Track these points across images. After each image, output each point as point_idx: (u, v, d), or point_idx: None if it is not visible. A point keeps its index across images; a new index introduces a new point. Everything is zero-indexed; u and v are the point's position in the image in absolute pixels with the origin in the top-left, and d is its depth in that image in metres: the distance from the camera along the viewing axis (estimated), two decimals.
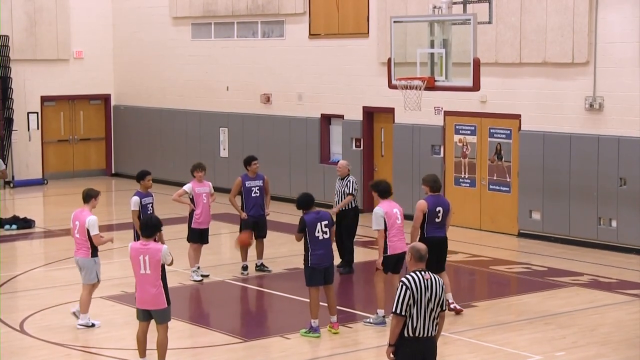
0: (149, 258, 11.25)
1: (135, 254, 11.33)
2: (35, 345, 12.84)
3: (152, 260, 11.26)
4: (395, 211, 13.56)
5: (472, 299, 15.16)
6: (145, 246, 11.31)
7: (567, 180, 19.03)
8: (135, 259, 11.32)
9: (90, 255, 13.62)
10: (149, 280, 11.29)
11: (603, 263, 17.54)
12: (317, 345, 12.84)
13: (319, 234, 12.97)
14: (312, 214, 13.06)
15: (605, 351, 12.43)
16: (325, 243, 13.01)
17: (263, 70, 25.02)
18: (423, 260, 9.09)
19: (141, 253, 11.29)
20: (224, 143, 26.14)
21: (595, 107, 18.55)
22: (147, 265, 11.26)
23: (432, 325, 9.09)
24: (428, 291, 8.97)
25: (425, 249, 9.11)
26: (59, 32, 28.34)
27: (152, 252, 11.27)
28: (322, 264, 13.03)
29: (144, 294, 11.37)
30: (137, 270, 11.36)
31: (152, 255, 11.25)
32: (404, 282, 8.95)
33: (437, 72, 15.67)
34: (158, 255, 11.26)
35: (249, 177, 16.81)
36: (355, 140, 23.06)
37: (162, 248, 11.33)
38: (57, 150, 29.04)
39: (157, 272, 11.28)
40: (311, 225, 12.97)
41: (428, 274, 9.05)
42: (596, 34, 18.46)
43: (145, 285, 11.33)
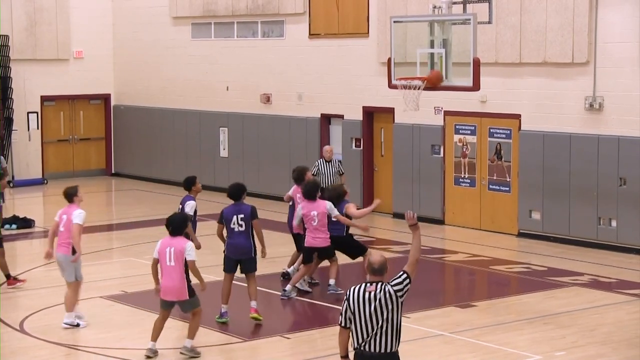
0: (174, 250, 11.97)
1: (162, 246, 12.10)
2: (35, 345, 12.85)
3: (177, 253, 11.96)
4: (313, 213, 14.88)
5: (472, 299, 15.17)
6: (172, 240, 12.11)
7: (567, 180, 19.03)
8: (162, 251, 12.07)
9: (71, 253, 13.48)
10: (174, 271, 11.99)
11: (603, 263, 17.54)
12: (316, 345, 12.84)
13: (234, 225, 13.69)
14: (232, 206, 13.85)
15: (605, 351, 12.43)
16: (239, 235, 13.69)
17: (263, 70, 25.03)
18: (375, 274, 8.46)
19: (168, 245, 12.06)
20: (224, 143, 26.14)
21: (595, 107, 18.55)
22: (172, 257, 11.97)
23: (380, 340, 8.38)
24: (369, 304, 8.34)
25: (378, 262, 8.48)
26: (59, 32, 28.35)
27: (177, 245, 12.00)
28: (233, 254, 13.81)
29: (168, 284, 12.05)
30: (163, 262, 12.06)
31: (178, 249, 11.97)
32: (346, 293, 8.50)
33: None
34: (182, 248, 11.96)
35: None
36: (355, 140, 23.07)
37: (187, 243, 12.04)
38: (57, 150, 29.04)
39: (181, 265, 11.97)
40: (227, 217, 13.78)
41: (374, 285, 8.41)
42: (596, 34, 18.47)
43: (170, 276, 12.02)
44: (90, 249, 19.00)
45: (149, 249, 18.45)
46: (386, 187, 22.60)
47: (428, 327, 13.51)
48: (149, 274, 16.13)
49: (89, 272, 17.05)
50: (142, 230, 20.87)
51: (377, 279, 8.48)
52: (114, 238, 21.14)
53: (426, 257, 17.92)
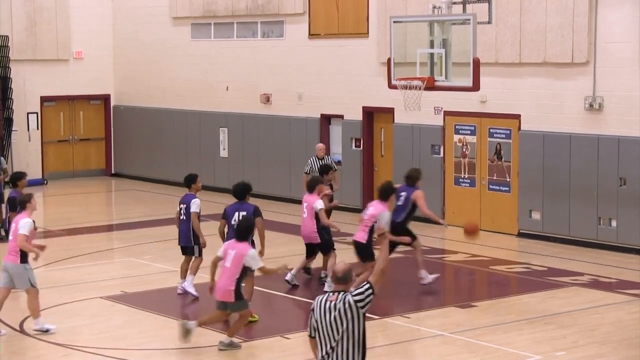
0: (235, 254, 12.29)
1: (227, 247, 12.51)
2: (35, 345, 12.85)
3: (236, 257, 12.27)
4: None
5: (472, 299, 15.17)
6: (236, 243, 12.45)
7: (567, 180, 19.04)
8: (226, 251, 12.44)
9: (20, 261, 13.08)
10: (227, 272, 12.29)
11: (603, 263, 17.55)
12: None
13: (235, 222, 13.94)
14: (235, 204, 14.29)
15: (605, 351, 12.43)
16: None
17: (263, 70, 25.03)
18: (339, 282, 8.19)
19: (231, 247, 12.44)
20: (224, 143, 26.14)
21: (595, 107, 18.55)
22: (231, 259, 12.27)
23: (342, 353, 8.03)
24: (329, 313, 8.05)
25: (342, 271, 8.20)
26: (59, 32, 28.35)
27: (239, 249, 12.34)
28: None
29: (220, 285, 12.40)
30: (223, 262, 12.41)
31: (238, 253, 12.30)
32: (313, 302, 8.25)
33: (437, 72, 15.69)
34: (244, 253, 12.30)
35: None
36: (355, 140, 23.07)
37: (249, 251, 12.37)
38: (57, 151, 29.04)
39: (237, 269, 12.26)
40: (229, 213, 14.23)
41: (335, 295, 8.10)
42: (596, 34, 18.47)
43: (222, 277, 12.37)
44: (90, 249, 19.03)
45: (149, 249, 18.54)
46: None
47: (428, 327, 13.51)
48: (149, 274, 16.19)
49: (89, 272, 17.11)
50: (142, 231, 20.88)
51: (340, 288, 8.19)
52: (114, 238, 21.14)
53: (426, 257, 17.93)
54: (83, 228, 21.49)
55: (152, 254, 18.37)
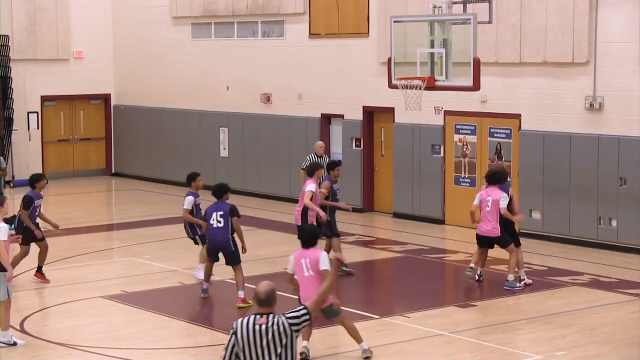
0: (310, 261, 11.66)
1: (297, 258, 11.78)
2: (36, 345, 12.84)
3: (313, 263, 11.65)
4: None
5: (472, 299, 15.17)
6: (306, 251, 11.75)
7: (567, 180, 19.03)
8: (298, 262, 11.73)
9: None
10: (312, 281, 11.63)
11: (603, 262, 17.54)
12: (317, 344, 12.83)
13: (214, 221, 14.67)
14: (214, 204, 14.82)
15: (605, 350, 12.43)
16: (217, 230, 14.67)
17: (263, 70, 25.02)
18: (262, 304, 7.56)
19: (302, 257, 11.72)
20: (224, 143, 26.13)
21: (595, 106, 18.55)
22: (309, 268, 11.66)
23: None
24: (260, 339, 7.44)
25: (265, 292, 7.57)
26: (59, 32, 28.35)
27: (312, 256, 11.68)
28: (212, 247, 14.85)
29: (308, 295, 11.42)
30: (300, 273, 11.74)
31: (313, 259, 11.67)
32: (233, 325, 7.56)
33: (437, 71, 15.69)
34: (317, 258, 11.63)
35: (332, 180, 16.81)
36: (355, 139, 23.06)
37: (321, 254, 11.72)
38: (57, 150, 29.04)
39: (319, 274, 11.60)
40: (209, 214, 14.76)
41: (264, 318, 7.50)
42: (596, 34, 18.46)
43: (309, 286, 11.61)
44: (90, 248, 19.03)
45: (148, 249, 18.53)
46: (386, 187, 22.60)
47: (428, 326, 13.51)
48: (149, 274, 16.21)
49: (89, 272, 17.11)
50: (142, 230, 20.88)
51: (265, 310, 7.54)
52: (114, 238, 21.14)
53: (427, 257, 17.93)
54: (83, 228, 21.49)
55: (152, 254, 18.37)
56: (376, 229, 21.45)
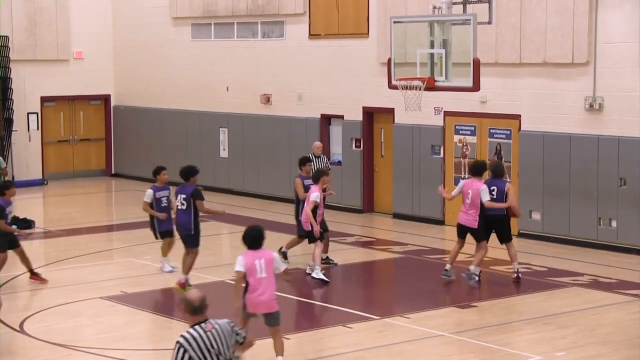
0: (265, 262, 11.17)
1: (250, 260, 11.19)
2: (35, 346, 12.85)
3: (267, 264, 11.19)
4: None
5: (472, 299, 15.17)
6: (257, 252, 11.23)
7: (567, 181, 19.04)
8: (251, 264, 11.18)
9: None
10: (268, 281, 11.20)
11: (603, 263, 17.54)
12: (317, 345, 12.84)
13: (178, 203, 15.38)
14: (179, 187, 15.46)
15: (605, 351, 12.43)
16: (181, 213, 15.34)
17: (263, 70, 25.03)
18: (196, 312, 7.55)
19: (256, 258, 11.18)
20: (224, 143, 26.14)
21: (595, 107, 18.55)
22: (263, 269, 11.16)
23: None
24: (215, 345, 7.49)
25: (199, 299, 7.54)
26: (59, 33, 28.35)
27: (266, 257, 11.23)
28: (177, 227, 15.62)
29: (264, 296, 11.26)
30: (254, 274, 11.18)
31: (267, 259, 11.20)
32: (180, 342, 7.43)
33: (437, 72, 15.71)
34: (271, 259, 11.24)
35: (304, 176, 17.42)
36: (355, 140, 23.06)
37: (273, 254, 11.32)
38: (57, 151, 29.04)
39: (272, 277, 11.23)
40: (176, 196, 15.47)
41: (209, 324, 7.53)
42: (596, 34, 18.46)
43: (265, 287, 11.22)
44: (90, 249, 19.03)
45: (148, 250, 18.52)
46: (386, 187, 22.61)
47: (428, 327, 13.51)
48: (149, 275, 16.22)
49: (89, 273, 17.11)
50: (142, 231, 20.84)
51: (202, 318, 7.55)
52: (114, 239, 21.14)
53: (426, 258, 17.94)
54: (83, 228, 21.50)
55: (152, 254, 18.35)
56: (376, 229, 21.46)
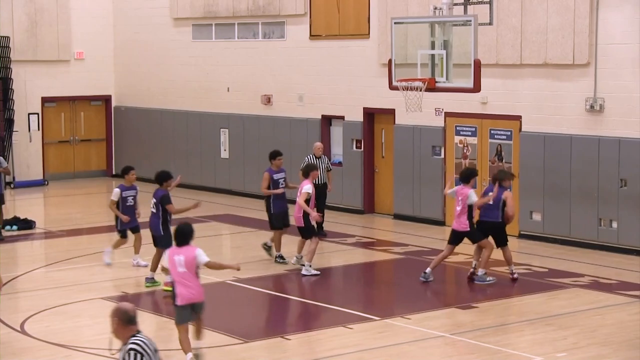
0: (184, 259, 11.63)
1: (170, 256, 11.76)
2: (36, 346, 12.85)
3: (188, 260, 11.63)
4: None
5: (473, 300, 15.17)
6: (180, 249, 11.75)
7: (568, 182, 19.03)
8: (171, 259, 11.72)
9: None
10: (185, 277, 11.63)
11: (603, 264, 17.54)
12: (317, 346, 12.84)
13: (151, 207, 15.98)
14: (154, 191, 16.06)
15: (606, 352, 12.43)
16: (152, 216, 16.00)
17: (264, 71, 25.03)
18: (133, 322, 7.58)
19: (176, 254, 11.70)
20: (225, 144, 26.14)
21: (596, 108, 18.55)
22: (183, 265, 11.63)
23: None
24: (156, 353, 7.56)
25: (132, 310, 7.52)
26: (60, 33, 28.36)
27: (186, 254, 11.67)
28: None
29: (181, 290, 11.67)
30: (174, 269, 11.70)
31: (187, 257, 11.65)
32: (136, 349, 7.50)
33: (437, 73, 15.70)
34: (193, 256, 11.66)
35: (274, 170, 18.32)
36: (355, 141, 23.07)
37: (196, 250, 11.74)
38: (58, 151, 29.04)
39: (193, 271, 11.65)
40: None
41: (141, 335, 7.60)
42: (597, 35, 18.46)
43: (181, 282, 11.66)
44: (91, 250, 19.03)
45: (149, 250, 18.51)
46: (387, 188, 22.61)
47: (429, 328, 13.51)
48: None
49: (90, 273, 17.10)
50: (143, 232, 20.84)
51: (137, 327, 7.55)
52: (115, 239, 21.12)
53: (427, 259, 17.93)
54: (84, 229, 21.50)
55: (153, 256, 18.36)
56: (376, 230, 21.45)
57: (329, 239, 20.04)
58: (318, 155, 20.09)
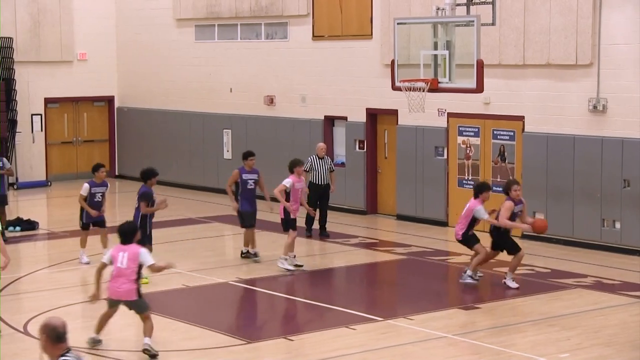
0: (128, 254, 12.32)
1: (115, 252, 12.48)
2: (37, 347, 12.80)
3: (131, 257, 12.29)
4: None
5: (476, 301, 15.16)
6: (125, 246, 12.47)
7: (571, 182, 19.02)
8: (115, 254, 12.44)
9: None
10: (123, 273, 12.28)
11: (606, 265, 17.53)
12: (320, 346, 12.83)
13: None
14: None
15: (609, 353, 12.41)
16: (135, 210, 16.44)
17: (266, 71, 25.03)
18: (63, 339, 6.85)
19: (121, 251, 12.44)
20: (228, 145, 26.14)
21: (599, 108, 18.53)
22: (125, 260, 12.29)
23: None
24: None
25: (62, 325, 6.83)
26: (63, 34, 28.37)
27: (130, 251, 12.37)
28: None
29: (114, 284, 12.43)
30: (115, 262, 12.39)
31: (131, 253, 12.33)
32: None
33: (440, 73, 15.70)
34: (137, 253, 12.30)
35: (245, 170, 18.35)
36: (358, 141, 23.06)
37: (140, 250, 12.42)
38: (61, 152, 29.06)
39: (132, 269, 12.26)
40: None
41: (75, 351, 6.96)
42: (600, 36, 18.45)
43: (118, 276, 12.35)
44: (93, 250, 19.01)
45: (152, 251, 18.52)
46: (389, 189, 22.60)
47: (432, 329, 13.50)
48: (152, 276, 16.22)
49: (92, 274, 17.07)
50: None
51: (67, 345, 6.90)
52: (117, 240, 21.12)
53: (430, 259, 17.92)
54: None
55: (155, 256, 18.31)
56: (379, 231, 21.44)
57: (331, 239, 20.04)
58: (321, 156, 20.15)
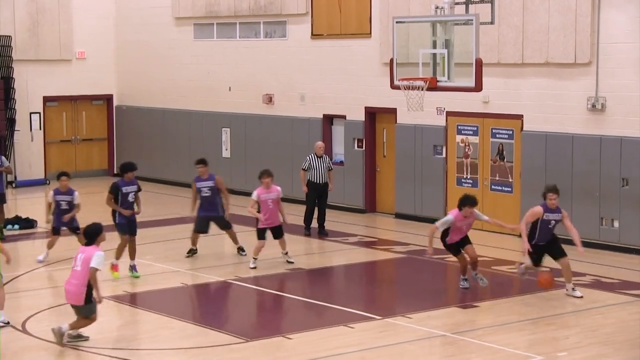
0: (83, 257, 12.54)
1: (76, 254, 12.75)
2: (37, 346, 12.85)
3: (85, 259, 12.49)
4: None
5: (474, 299, 15.16)
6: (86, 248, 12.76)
7: (570, 181, 19.02)
8: (75, 257, 12.69)
9: None
10: (76, 276, 12.53)
11: (605, 263, 17.54)
12: (319, 345, 12.83)
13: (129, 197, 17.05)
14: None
15: (607, 351, 12.42)
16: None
17: (265, 70, 25.03)
18: None
19: (80, 252, 12.69)
20: (226, 143, 26.14)
21: (598, 107, 18.54)
22: (79, 262, 12.52)
23: None
24: None
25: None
26: (62, 33, 28.36)
27: (87, 253, 12.59)
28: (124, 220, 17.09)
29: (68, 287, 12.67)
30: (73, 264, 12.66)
31: (86, 256, 12.53)
32: None
33: (439, 72, 15.71)
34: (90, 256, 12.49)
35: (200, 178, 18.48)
36: (357, 140, 23.06)
37: (95, 252, 12.62)
38: (60, 151, 29.05)
39: (85, 271, 12.44)
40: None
41: None
42: (599, 34, 18.45)
43: (71, 279, 12.62)
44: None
45: (150, 250, 18.57)
46: (388, 187, 22.60)
47: (430, 327, 13.51)
48: (151, 274, 16.25)
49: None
50: (144, 231, 20.83)
51: None
52: (116, 238, 21.12)
53: (428, 258, 17.92)
54: None
55: (154, 254, 18.39)
56: (378, 229, 21.45)
57: (330, 238, 20.04)
58: (319, 155, 20.17)
